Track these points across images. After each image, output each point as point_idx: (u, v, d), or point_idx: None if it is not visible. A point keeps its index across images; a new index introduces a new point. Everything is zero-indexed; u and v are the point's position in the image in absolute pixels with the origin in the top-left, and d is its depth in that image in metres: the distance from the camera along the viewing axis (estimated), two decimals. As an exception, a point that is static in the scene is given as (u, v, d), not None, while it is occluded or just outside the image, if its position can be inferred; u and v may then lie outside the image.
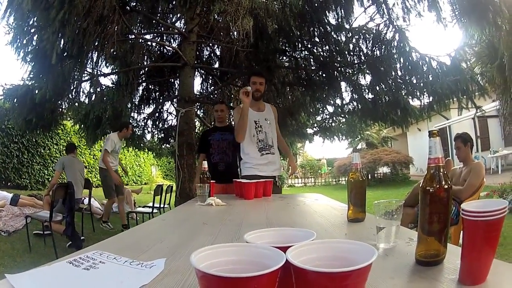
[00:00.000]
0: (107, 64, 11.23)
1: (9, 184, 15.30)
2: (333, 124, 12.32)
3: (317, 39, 10.12)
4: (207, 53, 13.02)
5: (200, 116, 12.79)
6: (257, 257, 1.06)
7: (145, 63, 11.55)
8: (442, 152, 1.55)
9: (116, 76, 11.07)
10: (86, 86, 10.66)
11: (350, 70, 10.50)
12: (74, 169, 10.31)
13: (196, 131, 11.99)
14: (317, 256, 1.08)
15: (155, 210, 10.33)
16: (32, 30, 8.19)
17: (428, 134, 1.56)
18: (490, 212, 1.22)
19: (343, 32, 9.92)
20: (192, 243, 2.09)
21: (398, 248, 1.85)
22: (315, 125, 12.97)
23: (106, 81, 23.52)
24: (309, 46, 10.51)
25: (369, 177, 28.36)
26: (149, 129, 13.41)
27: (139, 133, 12.72)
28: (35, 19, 7.97)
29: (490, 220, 1.23)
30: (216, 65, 12.72)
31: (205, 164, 4.96)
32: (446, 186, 1.49)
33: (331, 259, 1.08)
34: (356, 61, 10.18)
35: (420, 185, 1.54)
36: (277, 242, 1.26)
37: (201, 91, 12.88)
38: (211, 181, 4.72)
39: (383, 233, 1.89)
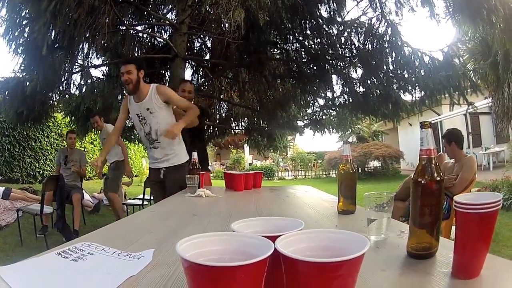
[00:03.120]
0: (98, 56, 11.18)
1: (0, 177, 15.28)
2: (323, 117, 12.31)
3: (308, 32, 10.11)
4: (198, 45, 12.96)
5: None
6: (245, 246, 1.04)
7: (136, 54, 11.46)
8: (434, 144, 1.53)
9: (107, 68, 11.03)
10: (76, 78, 10.64)
11: (341, 63, 10.46)
12: None
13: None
14: (307, 246, 1.06)
15: (145, 202, 10.32)
16: (24, 22, 8.17)
17: (420, 125, 1.55)
18: (484, 204, 1.21)
19: (335, 25, 9.90)
20: (180, 234, 2.07)
21: (389, 241, 1.84)
22: (306, 117, 12.95)
23: (96, 73, 23.40)
24: (300, 38, 10.50)
25: (360, 171, 28.49)
26: (140, 121, 13.29)
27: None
28: (27, 10, 7.94)
29: (484, 212, 1.21)
30: (207, 57, 12.72)
31: (194, 155, 4.95)
32: (438, 178, 1.48)
33: (322, 249, 1.06)
34: (347, 55, 10.16)
35: (412, 177, 1.53)
36: (265, 231, 1.23)
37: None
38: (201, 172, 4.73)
39: (374, 225, 1.88)
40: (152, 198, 9.29)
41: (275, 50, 11.31)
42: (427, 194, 1.48)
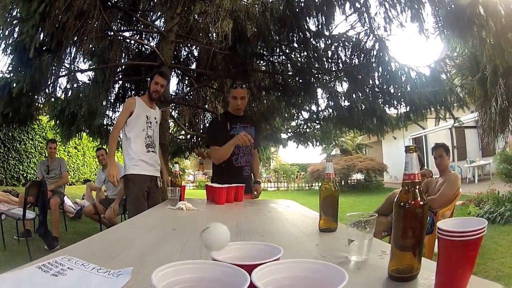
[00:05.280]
0: (85, 60, 11.12)
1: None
2: (307, 130, 12.25)
3: (295, 45, 10.08)
4: (184, 54, 12.99)
5: (174, 117, 12.69)
6: (221, 276, 1.03)
7: (122, 60, 11.44)
8: (418, 168, 1.52)
9: (93, 73, 10.96)
10: (63, 81, 10.56)
11: (327, 77, 10.49)
12: None
13: (170, 131, 11.94)
14: (283, 276, 1.06)
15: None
16: (14, 22, 8.13)
17: (405, 149, 1.54)
18: (468, 232, 1.20)
19: (323, 39, 9.90)
20: (160, 250, 2.07)
21: (370, 262, 1.83)
22: (290, 130, 12.91)
23: (83, 77, 23.35)
24: (287, 51, 10.51)
25: (343, 183, 28.61)
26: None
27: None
28: (17, 10, 7.91)
29: (468, 240, 1.20)
30: (193, 66, 12.69)
31: (176, 167, 4.93)
32: (421, 203, 1.47)
33: (299, 279, 1.05)
34: (333, 69, 10.20)
35: (395, 201, 1.52)
36: (243, 257, 1.25)
37: (177, 91, 12.89)
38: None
39: (355, 245, 1.87)
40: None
41: (261, 62, 11.33)
42: (410, 218, 1.48)
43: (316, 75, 10.14)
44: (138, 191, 5.78)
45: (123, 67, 11.53)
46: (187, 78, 12.80)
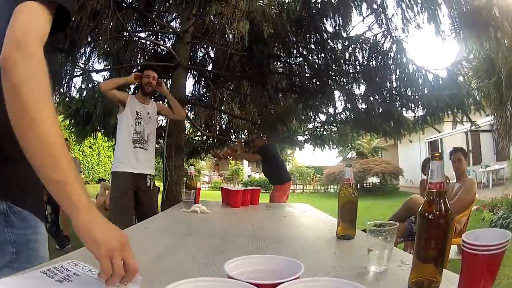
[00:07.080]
0: (100, 60, 11.14)
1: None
2: (324, 133, 12.32)
3: (312, 46, 10.08)
4: (201, 55, 12.97)
5: (191, 117, 12.68)
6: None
7: (138, 61, 11.38)
8: (444, 177, 1.45)
9: (108, 73, 11.03)
10: (77, 81, 10.59)
11: (344, 79, 10.39)
12: None
13: (186, 132, 11.93)
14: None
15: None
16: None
17: (431, 156, 1.48)
18: (492, 246, 1.15)
19: (340, 41, 9.85)
20: (172, 257, 2.00)
21: (389, 273, 1.76)
22: (306, 132, 12.92)
23: (98, 78, 23.41)
24: (304, 53, 10.43)
25: (358, 187, 28.46)
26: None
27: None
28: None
29: (493, 254, 1.15)
30: (210, 67, 12.70)
31: (191, 169, 4.91)
32: (446, 213, 1.40)
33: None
34: (351, 71, 10.12)
35: (419, 210, 1.45)
36: (260, 272, 1.18)
37: (193, 92, 12.90)
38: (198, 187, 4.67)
39: (375, 255, 1.79)
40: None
41: (278, 63, 11.31)
42: (434, 228, 1.42)
43: (334, 77, 10.10)
44: (121, 190, 5.73)
45: (139, 67, 11.49)
46: (203, 79, 12.80)
